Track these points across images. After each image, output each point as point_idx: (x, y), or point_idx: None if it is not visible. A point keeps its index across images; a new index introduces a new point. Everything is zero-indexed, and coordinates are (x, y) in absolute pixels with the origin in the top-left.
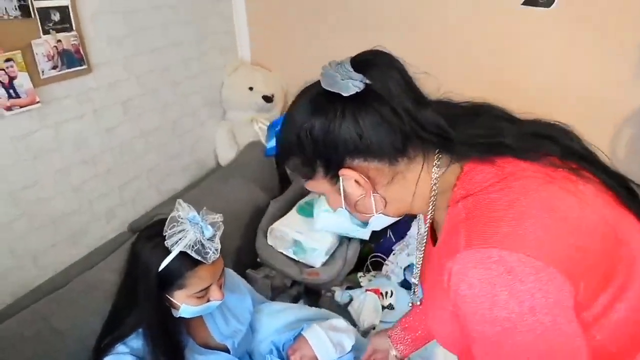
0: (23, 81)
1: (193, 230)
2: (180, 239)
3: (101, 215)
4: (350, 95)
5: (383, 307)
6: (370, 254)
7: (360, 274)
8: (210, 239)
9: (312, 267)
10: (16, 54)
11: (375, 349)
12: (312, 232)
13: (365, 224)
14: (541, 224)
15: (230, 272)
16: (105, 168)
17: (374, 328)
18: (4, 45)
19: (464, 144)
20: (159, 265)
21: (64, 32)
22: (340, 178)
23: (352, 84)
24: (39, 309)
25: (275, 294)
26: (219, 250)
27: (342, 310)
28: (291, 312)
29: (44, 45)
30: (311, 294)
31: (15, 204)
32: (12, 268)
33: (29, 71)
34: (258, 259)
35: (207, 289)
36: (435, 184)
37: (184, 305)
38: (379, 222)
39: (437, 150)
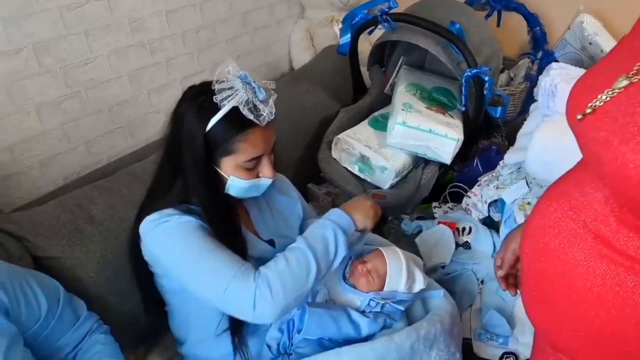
0: None
1: (244, 90)
2: (230, 96)
3: (160, 108)
4: None
5: (457, 245)
6: (451, 182)
7: (435, 204)
8: (263, 102)
9: (379, 188)
10: None
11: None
12: (383, 148)
13: None
14: None
15: (280, 176)
16: (165, 57)
17: (443, 267)
18: None
19: None
20: (207, 124)
21: None
22: None
23: None
24: (80, 195)
25: None
26: (273, 113)
27: (409, 242)
28: None
29: None
30: None
31: (66, 81)
32: (65, 151)
33: None
34: (321, 174)
35: (257, 159)
36: None
37: (232, 177)
38: None
39: None
